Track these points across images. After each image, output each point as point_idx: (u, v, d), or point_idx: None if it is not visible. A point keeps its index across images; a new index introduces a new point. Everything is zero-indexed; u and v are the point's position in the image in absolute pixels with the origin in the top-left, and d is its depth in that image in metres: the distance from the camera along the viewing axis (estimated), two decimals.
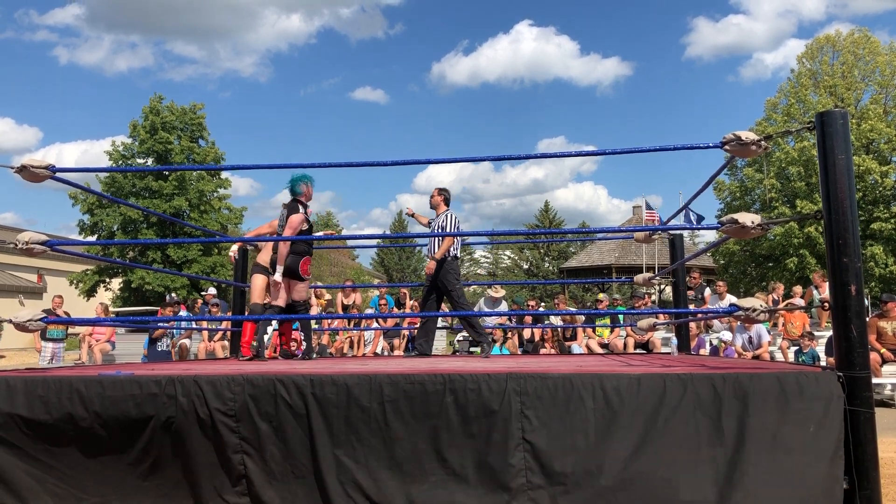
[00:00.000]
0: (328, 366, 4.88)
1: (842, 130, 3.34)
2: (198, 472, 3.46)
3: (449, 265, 6.82)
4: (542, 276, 44.64)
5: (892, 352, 9.84)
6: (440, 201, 7.06)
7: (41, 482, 3.50)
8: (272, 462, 3.40)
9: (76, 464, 3.52)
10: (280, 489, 3.37)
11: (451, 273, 6.80)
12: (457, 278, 6.85)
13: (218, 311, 12.22)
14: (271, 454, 3.40)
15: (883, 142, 28.02)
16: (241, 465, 3.41)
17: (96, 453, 3.52)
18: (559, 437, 3.21)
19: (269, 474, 3.39)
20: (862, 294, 3.24)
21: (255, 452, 3.41)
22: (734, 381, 3.16)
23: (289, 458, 3.39)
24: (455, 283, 6.79)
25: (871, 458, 3.06)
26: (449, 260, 6.83)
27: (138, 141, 30.02)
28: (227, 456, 3.42)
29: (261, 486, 3.38)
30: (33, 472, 3.51)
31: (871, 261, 26.74)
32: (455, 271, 6.88)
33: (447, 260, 6.81)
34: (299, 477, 3.37)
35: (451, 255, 6.86)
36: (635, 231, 6.85)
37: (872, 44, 29.50)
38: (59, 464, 3.52)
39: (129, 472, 3.50)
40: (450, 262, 6.84)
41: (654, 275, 7.66)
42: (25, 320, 4.29)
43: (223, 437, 3.42)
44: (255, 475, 3.39)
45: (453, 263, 6.88)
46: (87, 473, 3.52)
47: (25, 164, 4.39)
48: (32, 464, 3.52)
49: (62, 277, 33.48)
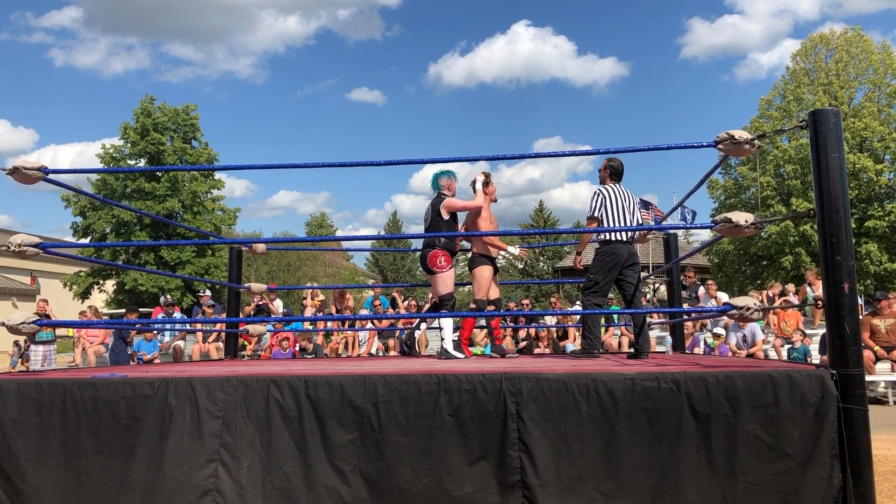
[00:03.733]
0: (323, 366, 4.86)
1: (834, 129, 3.35)
2: (192, 472, 3.44)
3: (596, 251, 5.81)
4: (536, 275, 44.68)
5: (886, 349, 9.88)
6: (605, 175, 5.82)
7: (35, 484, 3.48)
8: (265, 462, 3.38)
9: (70, 465, 3.51)
10: (272, 489, 3.36)
11: (593, 262, 5.76)
12: (595, 268, 5.72)
13: (212, 312, 12.19)
14: (265, 454, 3.39)
15: (876, 140, 28.11)
16: (236, 465, 3.40)
17: (91, 455, 3.50)
18: (554, 438, 3.21)
19: (262, 475, 3.38)
20: (855, 292, 3.25)
21: (247, 452, 3.40)
22: (728, 381, 3.16)
23: (282, 458, 3.38)
24: (590, 273, 5.77)
25: (864, 455, 3.07)
26: (601, 243, 5.75)
27: (129, 143, 29.88)
28: (223, 456, 3.40)
29: (253, 487, 3.36)
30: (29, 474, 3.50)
31: (867, 258, 26.83)
32: (598, 259, 5.72)
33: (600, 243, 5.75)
34: (292, 477, 3.36)
35: (603, 239, 5.70)
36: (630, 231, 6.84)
37: (866, 42, 29.62)
38: (52, 466, 3.51)
39: (122, 473, 3.48)
40: (598, 247, 5.77)
41: (648, 274, 7.67)
42: (18, 323, 4.27)
43: (217, 438, 3.40)
44: (248, 475, 3.38)
45: (600, 249, 5.73)
46: (84, 474, 3.50)
47: (17, 165, 4.37)
48: (26, 465, 3.51)
49: (55, 280, 33.35)
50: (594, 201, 5.64)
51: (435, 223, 6.13)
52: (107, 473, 3.45)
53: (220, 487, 3.33)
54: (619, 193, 5.63)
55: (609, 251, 5.59)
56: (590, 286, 5.64)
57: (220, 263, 29.11)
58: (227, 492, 3.32)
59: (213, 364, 6.82)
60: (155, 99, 30.81)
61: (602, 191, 5.64)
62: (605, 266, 5.58)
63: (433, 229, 6.10)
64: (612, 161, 5.77)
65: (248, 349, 11.28)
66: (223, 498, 3.31)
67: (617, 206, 5.58)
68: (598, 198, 5.62)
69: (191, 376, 3.55)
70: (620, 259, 5.56)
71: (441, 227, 6.08)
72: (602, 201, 5.59)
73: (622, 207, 5.60)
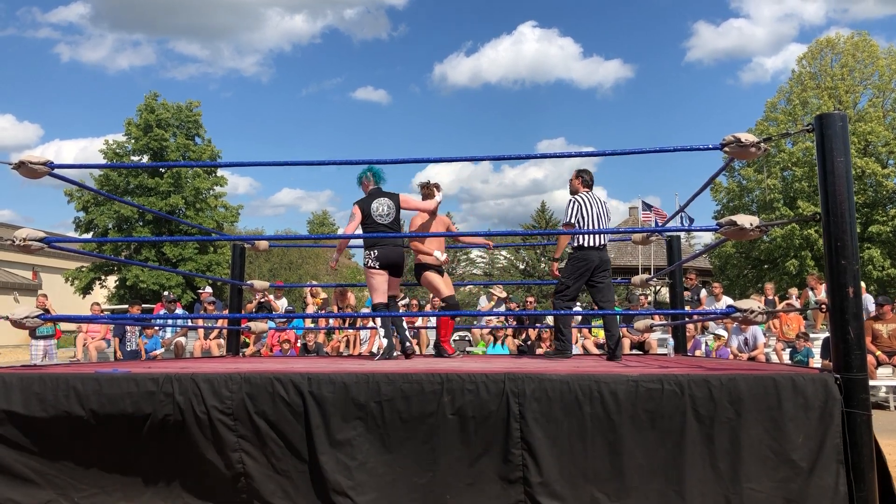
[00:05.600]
0: (326, 364, 4.87)
1: (841, 133, 3.34)
2: (196, 469, 3.46)
3: (569, 257, 6.07)
4: (538, 276, 44.65)
5: (888, 354, 9.87)
6: (577, 184, 6.07)
7: (40, 477, 3.50)
8: (271, 460, 3.39)
9: (73, 461, 3.52)
10: (279, 487, 3.37)
11: (565, 267, 6.00)
12: (566, 272, 5.92)
13: (214, 309, 12.19)
14: (270, 452, 3.40)
15: (881, 144, 28.08)
16: (240, 463, 3.41)
17: (93, 450, 3.51)
18: (557, 438, 3.21)
19: (267, 472, 3.39)
20: (859, 296, 3.24)
21: (253, 450, 3.41)
22: (731, 383, 3.16)
23: (287, 456, 3.39)
24: (561, 277, 5.98)
25: (867, 459, 3.06)
26: (573, 249, 6.02)
27: (133, 139, 29.90)
28: (226, 454, 3.41)
29: (260, 483, 3.37)
30: (32, 468, 3.51)
31: (870, 264, 26.78)
32: (570, 264, 5.98)
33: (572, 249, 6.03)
34: (298, 474, 3.37)
35: (575, 245, 5.98)
36: (632, 232, 6.86)
37: (872, 47, 29.57)
38: (56, 461, 3.52)
39: (126, 469, 3.49)
40: (570, 253, 6.05)
41: (651, 276, 7.67)
42: (22, 318, 4.28)
43: (221, 436, 3.41)
44: (254, 473, 3.39)
45: (573, 255, 5.99)
46: (85, 470, 3.51)
47: (24, 160, 4.37)
48: (30, 460, 3.52)
49: (57, 275, 33.42)
50: (570, 209, 5.89)
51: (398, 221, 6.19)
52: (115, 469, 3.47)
53: (248, 471, 3.40)
54: (593, 201, 5.91)
55: (581, 257, 5.87)
56: (561, 290, 5.90)
57: (222, 260, 29.16)
58: (254, 475, 3.39)
59: (215, 361, 6.83)
60: (158, 95, 30.88)
61: (577, 199, 5.91)
62: (577, 271, 5.86)
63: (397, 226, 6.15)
64: (584, 172, 6.09)
65: (250, 349, 11.27)
66: (252, 480, 3.39)
67: (592, 214, 5.86)
68: (574, 205, 5.88)
69: (194, 373, 3.56)
70: (591, 265, 5.85)
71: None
72: (577, 209, 5.86)
73: (597, 214, 5.88)
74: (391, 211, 6.09)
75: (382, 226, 6.01)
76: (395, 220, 6.12)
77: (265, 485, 3.37)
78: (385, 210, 6.08)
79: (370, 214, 6.02)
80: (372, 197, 6.10)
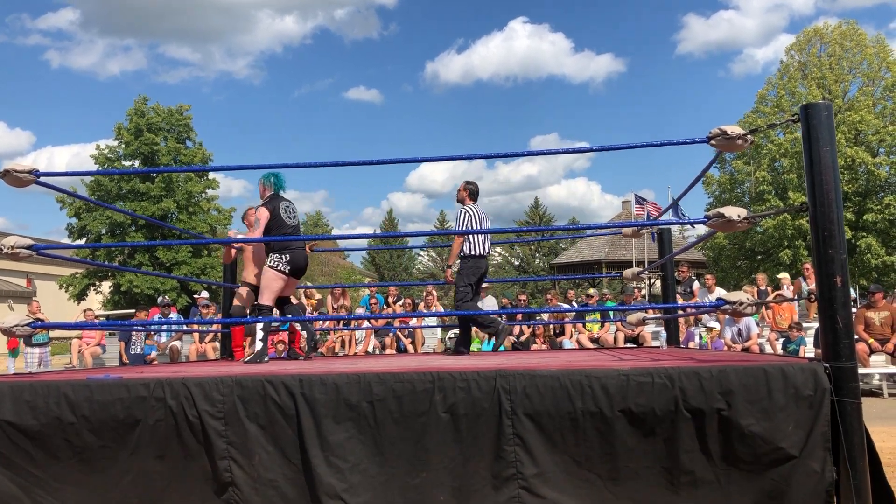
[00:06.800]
0: (318, 365, 4.87)
1: (826, 123, 3.34)
2: (189, 475, 3.45)
3: (462, 264, 6.47)
4: (532, 272, 44.71)
5: (880, 341, 9.91)
6: (465, 196, 6.57)
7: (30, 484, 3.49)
8: (261, 467, 3.39)
9: (64, 468, 3.51)
10: (268, 491, 3.36)
11: (461, 273, 6.45)
12: (464, 278, 6.41)
13: (212, 311, 12.19)
14: (260, 459, 3.39)
15: (871, 133, 28.15)
16: (227, 471, 3.40)
17: (85, 458, 3.50)
18: (550, 433, 3.22)
19: (257, 476, 3.38)
20: (847, 285, 3.25)
21: (242, 455, 3.40)
22: (721, 375, 3.17)
23: (278, 461, 3.38)
24: (460, 283, 6.42)
25: (858, 447, 3.08)
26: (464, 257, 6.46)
27: (123, 143, 29.80)
28: (215, 460, 3.41)
29: (248, 488, 3.37)
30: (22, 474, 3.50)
31: (867, 253, 26.83)
32: (466, 270, 6.43)
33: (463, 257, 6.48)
34: (290, 479, 3.37)
35: (468, 254, 6.45)
36: (623, 227, 6.88)
37: (860, 36, 29.63)
38: (46, 469, 3.51)
39: (118, 476, 3.48)
40: (463, 260, 6.46)
41: (642, 269, 7.68)
42: (12, 325, 4.26)
43: (211, 440, 3.41)
44: (242, 478, 3.39)
45: (466, 262, 6.44)
46: (76, 478, 3.50)
47: (8, 168, 4.35)
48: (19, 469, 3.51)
49: (51, 281, 33.25)
50: (463, 219, 6.41)
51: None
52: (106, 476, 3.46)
53: (236, 481, 3.39)
54: (480, 212, 6.49)
55: (473, 264, 6.44)
56: (462, 296, 6.40)
57: (216, 264, 29.06)
58: (242, 485, 3.38)
59: (209, 364, 6.81)
60: (148, 99, 30.79)
61: (469, 210, 6.44)
62: (472, 275, 6.41)
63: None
64: (471, 184, 6.61)
65: (246, 351, 11.25)
66: (240, 490, 3.37)
67: (481, 224, 6.46)
68: (466, 216, 6.41)
69: (185, 377, 3.55)
70: (481, 270, 6.49)
71: None
72: (469, 219, 6.39)
73: (485, 226, 6.54)
74: (297, 213, 6.26)
75: (291, 227, 6.08)
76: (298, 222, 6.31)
77: (253, 496, 3.36)
78: (293, 211, 6.21)
79: (279, 215, 6.02)
80: (275, 200, 6.11)
